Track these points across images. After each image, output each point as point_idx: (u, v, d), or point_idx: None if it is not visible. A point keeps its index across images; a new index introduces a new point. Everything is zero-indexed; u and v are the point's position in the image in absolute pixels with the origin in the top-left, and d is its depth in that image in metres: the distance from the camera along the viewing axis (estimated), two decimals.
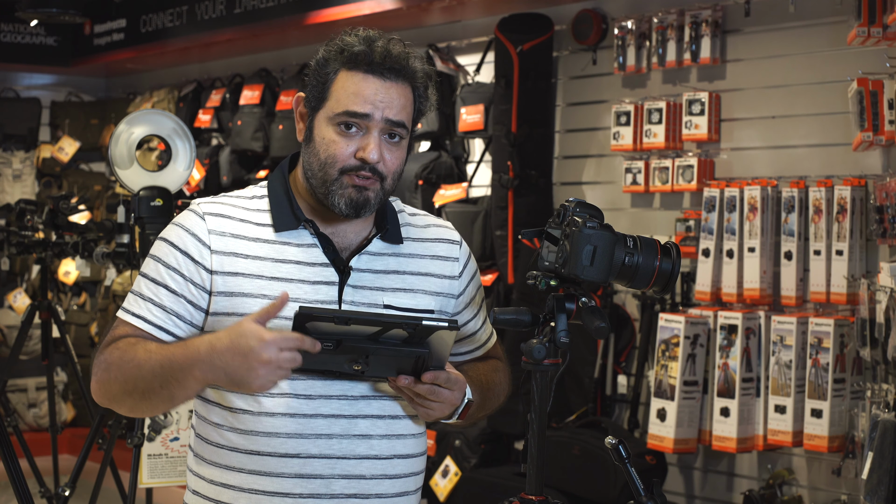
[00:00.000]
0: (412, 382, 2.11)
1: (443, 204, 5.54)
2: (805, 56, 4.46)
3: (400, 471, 2.25)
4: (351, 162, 2.17)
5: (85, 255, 4.95)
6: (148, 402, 2.14)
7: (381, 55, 2.16)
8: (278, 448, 2.17)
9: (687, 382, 4.47)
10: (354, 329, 2.03)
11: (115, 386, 2.15)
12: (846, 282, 4.09)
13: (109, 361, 2.16)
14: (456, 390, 2.16)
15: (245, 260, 2.20)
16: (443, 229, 2.39)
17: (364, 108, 2.15)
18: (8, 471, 3.17)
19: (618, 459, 2.21)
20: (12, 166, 8.20)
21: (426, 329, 2.03)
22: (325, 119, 2.19)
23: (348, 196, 2.17)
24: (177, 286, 2.19)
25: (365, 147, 2.16)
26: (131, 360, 2.13)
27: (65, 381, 7.84)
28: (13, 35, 8.01)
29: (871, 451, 3.60)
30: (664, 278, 2.14)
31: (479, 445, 5.20)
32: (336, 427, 2.18)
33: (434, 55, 5.71)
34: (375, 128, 2.16)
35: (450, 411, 2.19)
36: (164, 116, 4.44)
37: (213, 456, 2.23)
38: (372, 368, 2.10)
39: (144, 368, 2.11)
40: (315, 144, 2.20)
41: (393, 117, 2.17)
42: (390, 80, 2.17)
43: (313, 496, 2.18)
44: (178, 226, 2.24)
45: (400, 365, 2.10)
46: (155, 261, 2.22)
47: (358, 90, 2.16)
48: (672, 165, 4.76)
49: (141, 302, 2.21)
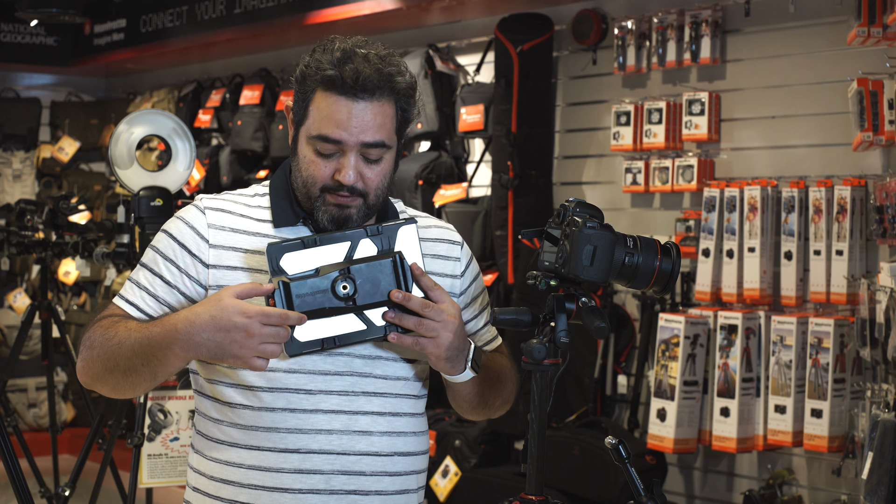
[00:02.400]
0: (406, 296, 2.10)
1: (443, 204, 5.54)
2: (805, 56, 4.46)
3: (400, 468, 2.25)
4: (329, 183, 2.17)
5: (85, 255, 4.95)
6: (129, 379, 2.15)
7: (351, 78, 2.13)
8: (278, 443, 2.18)
9: (687, 382, 4.47)
10: (328, 251, 2.11)
11: (98, 364, 2.17)
12: (846, 282, 4.09)
13: (93, 339, 2.18)
14: (448, 303, 2.13)
15: (243, 254, 2.21)
16: (444, 230, 2.39)
17: (336, 134, 2.14)
18: (8, 471, 3.17)
19: (618, 459, 2.21)
20: (12, 166, 8.20)
21: (389, 229, 2.14)
22: (305, 137, 2.19)
23: (330, 213, 2.19)
24: (171, 277, 2.22)
25: (341, 169, 2.16)
26: (112, 337, 2.14)
27: (65, 381, 7.84)
28: (13, 35, 8.01)
29: (871, 451, 3.60)
30: (664, 278, 2.14)
31: (479, 445, 5.20)
32: (336, 423, 2.19)
33: (434, 55, 5.71)
34: (351, 151, 2.15)
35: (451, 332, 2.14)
36: (164, 116, 4.44)
37: (213, 452, 2.23)
38: (361, 293, 2.10)
39: (125, 346, 2.12)
40: (298, 160, 2.21)
41: (368, 139, 2.15)
42: (363, 101, 2.14)
43: (313, 492, 2.18)
44: (179, 219, 2.26)
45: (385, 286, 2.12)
46: (154, 251, 2.25)
47: (331, 114, 2.14)
48: (672, 165, 4.76)
49: (136, 290, 2.23)
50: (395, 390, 2.24)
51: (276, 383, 2.17)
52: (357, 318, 2.12)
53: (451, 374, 2.21)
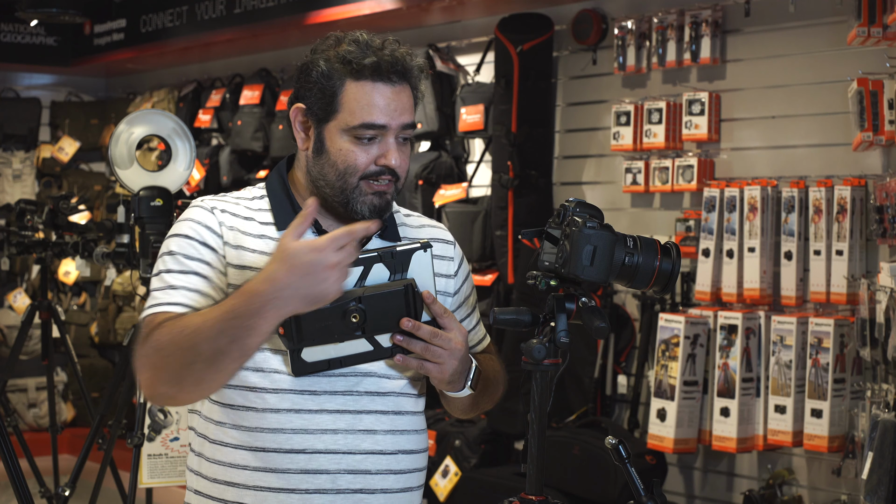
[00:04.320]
0: (415, 325, 2.12)
1: (443, 204, 5.54)
2: (805, 56, 4.46)
3: (404, 466, 2.26)
4: (371, 168, 2.20)
5: (85, 255, 4.95)
6: (215, 365, 2.05)
7: (388, 63, 2.19)
8: (283, 444, 2.17)
9: (687, 382, 4.47)
10: None
11: (174, 362, 2.06)
12: (846, 282, 4.09)
13: (159, 344, 2.07)
14: (456, 330, 2.16)
15: (252, 255, 2.21)
16: (437, 230, 2.42)
17: (381, 119, 2.18)
18: (8, 471, 3.17)
19: (618, 459, 2.21)
20: (12, 166, 8.20)
21: (403, 254, 2.11)
22: (339, 130, 2.20)
23: (371, 202, 2.21)
24: (204, 271, 2.19)
25: (386, 154, 2.19)
26: (184, 329, 2.06)
27: (65, 381, 7.84)
28: (13, 35, 8.01)
29: (871, 451, 3.60)
30: (664, 278, 2.14)
31: (479, 445, 5.20)
32: (341, 422, 2.19)
33: (434, 55, 5.71)
34: (391, 135, 2.20)
35: (457, 360, 2.17)
36: (164, 116, 4.44)
37: (217, 454, 2.23)
38: (371, 321, 2.10)
39: (204, 332, 2.03)
40: (330, 155, 2.21)
41: (407, 120, 2.21)
42: (398, 85, 2.20)
43: (319, 491, 2.18)
44: (190, 220, 2.23)
45: (395, 313, 2.12)
46: (173, 256, 2.20)
47: (371, 101, 2.18)
48: (672, 165, 4.76)
49: (172, 292, 2.16)
50: (397, 389, 2.25)
51: (280, 385, 2.17)
52: (365, 341, 2.15)
53: (450, 392, 2.25)
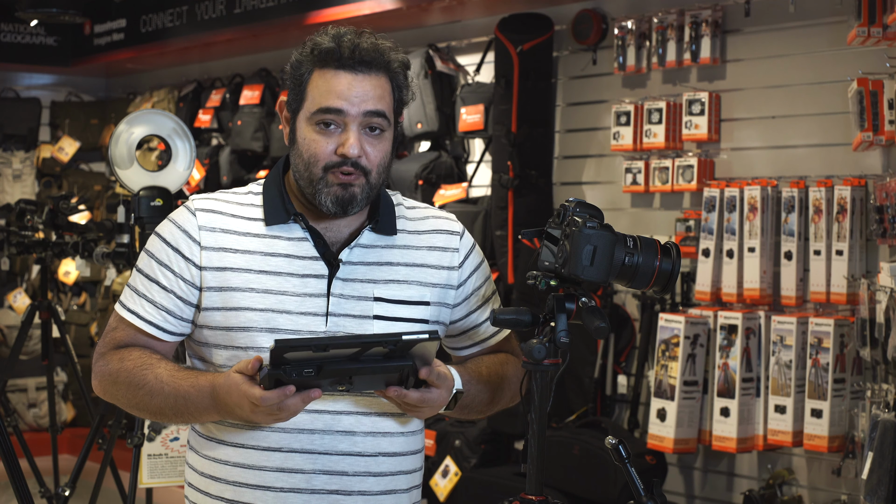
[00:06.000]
0: (402, 394, 2.09)
1: (443, 204, 5.54)
2: (805, 56, 4.46)
3: (385, 469, 2.25)
4: (332, 159, 2.18)
5: (85, 255, 4.95)
6: (156, 417, 2.25)
7: (349, 49, 2.17)
8: (261, 441, 2.20)
9: (687, 382, 4.47)
10: (334, 353, 1.98)
11: (123, 400, 2.25)
12: (846, 282, 4.09)
13: (115, 375, 2.23)
14: (443, 388, 2.14)
15: (234, 255, 2.22)
16: (442, 220, 2.37)
17: (337, 104, 2.16)
18: (8, 471, 3.17)
19: (618, 459, 2.21)
20: (12, 166, 8.20)
21: (407, 344, 2.00)
22: (305, 119, 2.20)
23: (334, 194, 2.18)
24: (167, 282, 2.23)
25: (344, 142, 2.17)
26: (141, 385, 2.20)
27: (65, 381, 7.84)
28: (13, 35, 8.00)
29: (871, 451, 3.60)
30: (664, 278, 2.14)
31: (479, 445, 5.20)
32: (319, 423, 2.19)
33: (434, 55, 5.71)
34: (353, 122, 2.17)
35: (433, 412, 2.19)
36: (164, 116, 4.44)
37: (204, 448, 2.27)
38: (357, 386, 2.06)
39: (157, 397, 2.19)
40: (298, 145, 2.22)
41: (370, 107, 2.17)
42: (362, 73, 2.18)
43: (294, 490, 2.19)
44: (171, 222, 2.28)
45: (385, 378, 2.07)
46: (148, 256, 2.27)
47: (330, 87, 2.17)
48: (672, 165, 4.76)
49: (136, 297, 2.26)
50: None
51: None
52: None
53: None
